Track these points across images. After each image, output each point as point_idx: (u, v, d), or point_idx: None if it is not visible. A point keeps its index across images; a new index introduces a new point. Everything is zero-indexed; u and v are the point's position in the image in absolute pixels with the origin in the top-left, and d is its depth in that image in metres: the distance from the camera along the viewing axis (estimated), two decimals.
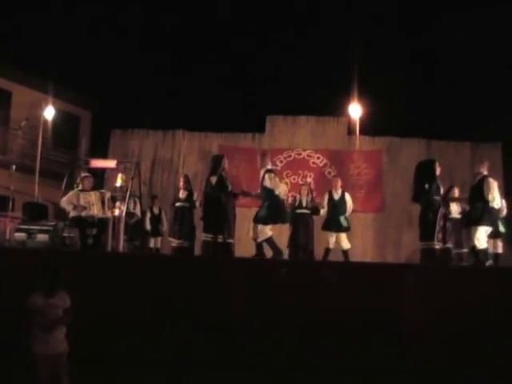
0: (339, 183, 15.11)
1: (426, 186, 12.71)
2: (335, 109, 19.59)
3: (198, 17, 27.29)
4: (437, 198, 12.72)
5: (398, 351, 10.22)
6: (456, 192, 14.34)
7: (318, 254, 15.00)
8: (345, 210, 14.82)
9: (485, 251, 12.49)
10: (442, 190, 12.96)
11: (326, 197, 14.91)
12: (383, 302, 10.43)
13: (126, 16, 26.53)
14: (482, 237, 12.41)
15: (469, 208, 12.96)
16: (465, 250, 13.71)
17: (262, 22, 26.40)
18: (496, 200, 12.48)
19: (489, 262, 12.67)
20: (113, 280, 10.93)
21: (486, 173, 12.79)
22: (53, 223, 13.61)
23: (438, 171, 12.98)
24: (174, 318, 10.59)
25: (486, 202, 12.40)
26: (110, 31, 26.40)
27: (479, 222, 12.41)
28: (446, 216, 13.02)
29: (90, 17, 26.05)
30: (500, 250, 14.18)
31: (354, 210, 15.61)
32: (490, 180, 12.60)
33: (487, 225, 12.45)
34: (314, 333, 10.37)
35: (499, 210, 13.60)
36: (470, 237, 12.59)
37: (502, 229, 13.86)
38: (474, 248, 12.49)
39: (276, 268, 11.33)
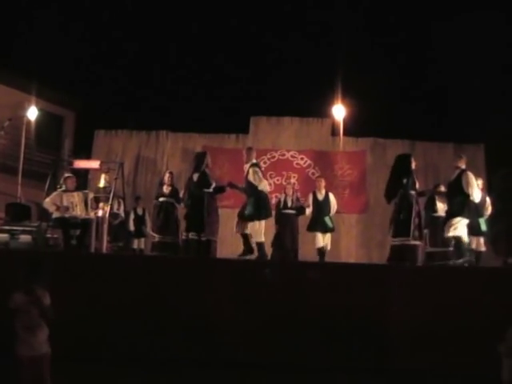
0: (323, 183, 15.16)
1: (404, 180, 12.68)
2: (319, 110, 19.61)
3: (180, 18, 27.25)
4: (412, 192, 12.68)
5: (382, 351, 10.25)
6: (442, 189, 14.29)
7: (303, 254, 15.03)
8: (329, 211, 14.87)
9: (465, 246, 12.53)
10: (417, 185, 12.94)
11: (311, 197, 14.98)
12: (367, 303, 10.47)
13: (108, 16, 26.45)
14: (461, 228, 12.46)
15: (448, 203, 13.01)
16: (451, 249, 13.62)
17: (245, 24, 26.41)
18: (475, 193, 12.52)
19: (466, 259, 12.66)
20: (97, 281, 10.89)
21: (464, 167, 12.83)
22: (36, 224, 13.56)
23: (413, 165, 12.95)
24: (159, 318, 10.58)
25: (466, 195, 12.43)
26: (94, 31, 26.31)
27: (459, 214, 12.45)
28: (420, 213, 12.97)
29: (74, 17, 25.94)
30: (482, 248, 14.13)
31: (337, 211, 15.63)
32: (469, 174, 12.64)
33: (467, 217, 12.49)
34: (298, 333, 10.40)
35: (482, 208, 13.65)
36: (449, 229, 12.62)
37: (483, 227, 13.83)
38: (455, 241, 12.57)
39: (261, 268, 11.34)
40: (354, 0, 24.99)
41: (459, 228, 12.45)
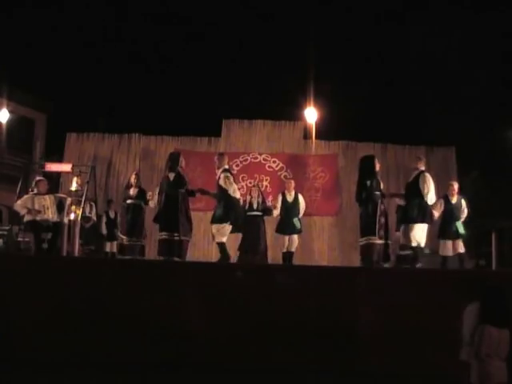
0: (292, 185, 15.13)
1: (368, 182, 12.76)
2: (291, 113, 19.68)
3: (151, 19, 27.26)
4: (377, 193, 12.74)
5: (352, 354, 10.30)
6: None
7: (273, 257, 15.05)
8: (298, 212, 14.82)
9: (419, 250, 12.64)
10: (381, 186, 13.01)
11: (280, 199, 14.93)
12: (337, 305, 10.51)
13: (79, 18, 26.37)
14: (418, 234, 12.57)
15: (405, 204, 13.10)
16: (408, 252, 13.65)
17: (217, 25, 26.46)
18: (430, 195, 12.63)
19: (419, 265, 12.76)
20: (68, 284, 10.84)
21: (423, 168, 12.96)
22: (7, 228, 13.51)
23: (377, 167, 13.03)
24: (129, 321, 10.54)
25: (422, 197, 12.56)
26: (64, 32, 26.22)
27: (415, 220, 12.57)
28: (387, 212, 13.04)
29: (43, 18, 25.82)
30: (462, 250, 14.05)
31: (310, 214, 15.67)
32: (427, 175, 12.79)
33: (423, 222, 12.60)
34: (268, 336, 10.40)
35: (459, 211, 13.72)
36: (407, 234, 12.73)
37: (461, 230, 13.84)
38: (413, 247, 12.66)
39: (231, 272, 11.35)
40: (326, 4, 25.12)
41: (416, 236, 12.60)
